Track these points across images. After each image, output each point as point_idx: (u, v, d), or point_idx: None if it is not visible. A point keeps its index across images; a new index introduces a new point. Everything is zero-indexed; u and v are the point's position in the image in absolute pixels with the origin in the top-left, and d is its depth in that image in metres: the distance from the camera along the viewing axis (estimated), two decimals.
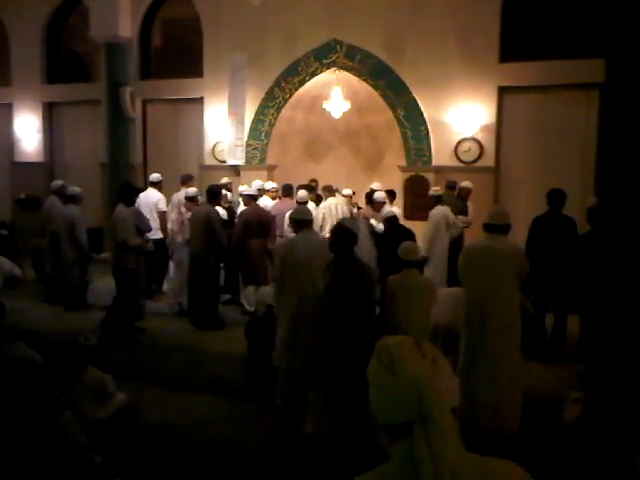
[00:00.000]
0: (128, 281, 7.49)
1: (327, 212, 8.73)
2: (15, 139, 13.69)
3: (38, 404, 3.16)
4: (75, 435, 3.19)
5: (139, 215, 8.07)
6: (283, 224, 8.42)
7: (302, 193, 8.74)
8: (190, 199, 8.57)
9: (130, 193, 7.69)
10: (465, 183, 9.21)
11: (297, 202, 8.57)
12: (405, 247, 5.23)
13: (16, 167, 13.68)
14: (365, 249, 8.41)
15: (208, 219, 7.71)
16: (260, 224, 8.19)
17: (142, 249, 7.71)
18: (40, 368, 3.35)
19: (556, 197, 6.87)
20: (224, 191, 9.10)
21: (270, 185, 9.73)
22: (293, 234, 5.36)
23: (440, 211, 8.18)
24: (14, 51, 13.39)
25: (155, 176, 9.53)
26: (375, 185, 9.75)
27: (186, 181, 9.26)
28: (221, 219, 8.19)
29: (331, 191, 9.28)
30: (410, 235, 6.90)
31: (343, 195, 9.69)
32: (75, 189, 8.92)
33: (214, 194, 8.05)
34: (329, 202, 8.95)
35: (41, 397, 3.19)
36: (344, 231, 4.58)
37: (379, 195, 8.82)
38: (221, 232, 7.92)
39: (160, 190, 9.31)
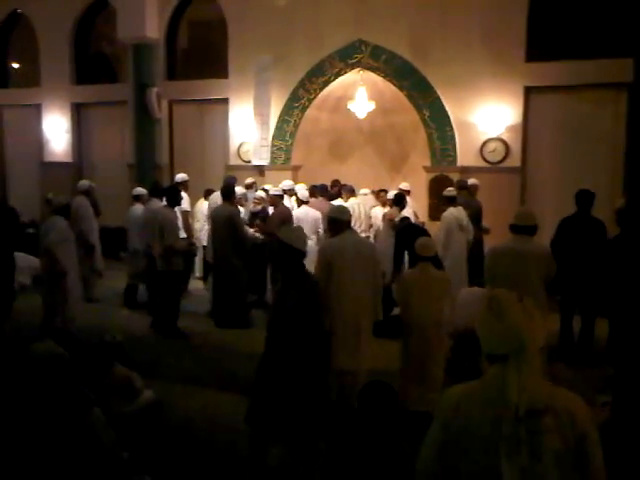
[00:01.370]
0: (174, 283, 7.53)
1: (351, 212, 8.72)
2: (44, 139, 13.89)
3: (67, 401, 3.20)
4: (103, 432, 3.23)
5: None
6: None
7: (303, 192, 8.88)
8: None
9: (175, 194, 7.70)
10: (472, 180, 9.17)
11: (298, 200, 8.79)
12: (421, 242, 5.28)
13: (45, 167, 13.88)
14: (383, 248, 8.43)
15: (231, 218, 7.75)
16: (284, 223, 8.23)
17: (189, 252, 7.78)
18: (68, 365, 3.39)
19: (584, 198, 6.76)
20: (241, 189, 9.16)
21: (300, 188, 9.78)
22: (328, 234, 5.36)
23: (451, 213, 8.05)
24: (43, 53, 13.58)
25: (180, 176, 9.62)
26: (404, 185, 9.71)
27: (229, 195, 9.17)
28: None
29: (352, 192, 9.29)
30: (423, 233, 6.88)
31: (362, 195, 9.75)
32: (84, 183, 9.22)
33: (230, 192, 8.07)
34: (351, 202, 8.96)
35: (70, 394, 3.23)
36: (284, 247, 4.22)
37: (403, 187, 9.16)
38: (243, 230, 7.97)
39: (186, 190, 9.38)
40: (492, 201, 9.21)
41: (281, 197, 8.71)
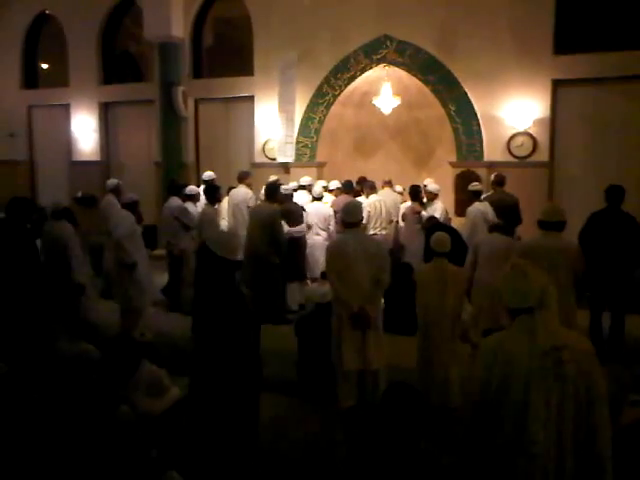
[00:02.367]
0: None
1: (372, 209, 8.72)
2: (73, 139, 14.07)
3: (95, 399, 3.24)
4: (132, 429, 3.26)
5: (184, 211, 8.32)
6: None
7: (318, 188, 8.94)
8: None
9: (214, 192, 7.74)
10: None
11: (313, 197, 8.82)
12: (436, 238, 5.31)
13: (74, 166, 14.07)
14: (414, 245, 8.41)
15: (271, 217, 7.79)
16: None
17: None
18: (97, 362, 3.44)
19: (615, 193, 6.62)
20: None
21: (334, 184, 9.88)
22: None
23: (477, 207, 7.93)
24: (71, 53, 13.76)
25: (208, 174, 9.69)
26: (427, 181, 9.66)
27: (243, 178, 9.38)
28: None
29: (373, 188, 9.26)
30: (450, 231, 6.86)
31: (395, 191, 9.74)
32: (112, 181, 9.40)
33: (273, 192, 8.10)
34: (372, 199, 8.92)
35: (98, 392, 3.28)
36: (208, 253, 3.81)
37: (432, 187, 9.00)
38: (282, 229, 8.01)
39: None
40: (519, 197, 9.05)
41: (290, 196, 8.70)
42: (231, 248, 3.84)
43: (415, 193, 8.98)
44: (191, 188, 9.07)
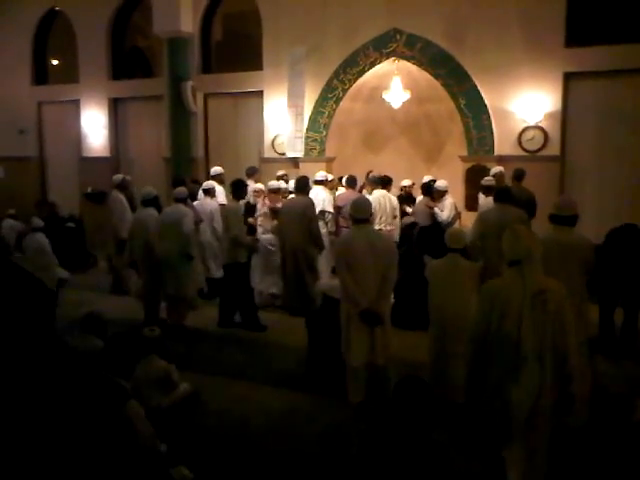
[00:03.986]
0: (240, 275, 7.58)
1: (377, 205, 8.66)
2: (82, 135, 14.11)
3: (104, 393, 3.24)
4: (141, 423, 3.26)
5: (193, 207, 8.35)
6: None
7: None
8: (275, 191, 8.69)
9: (240, 187, 7.77)
10: (498, 168, 9.09)
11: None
12: (450, 234, 5.34)
13: (84, 162, 14.11)
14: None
15: (306, 209, 7.79)
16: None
17: (252, 248, 7.88)
18: (101, 355, 3.43)
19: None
20: (283, 183, 9.17)
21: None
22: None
23: (488, 202, 7.82)
24: (81, 49, 13.79)
25: (215, 169, 9.69)
26: (441, 184, 9.52)
27: (252, 174, 9.37)
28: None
29: (377, 183, 9.22)
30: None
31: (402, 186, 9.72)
32: (117, 177, 9.54)
33: (304, 184, 8.07)
34: (376, 194, 8.85)
35: (106, 387, 3.27)
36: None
37: (440, 184, 8.87)
38: (317, 221, 8.03)
39: (221, 183, 9.43)
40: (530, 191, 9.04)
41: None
42: None
43: (427, 188, 8.93)
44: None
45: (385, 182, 9.00)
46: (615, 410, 5.03)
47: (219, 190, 9.31)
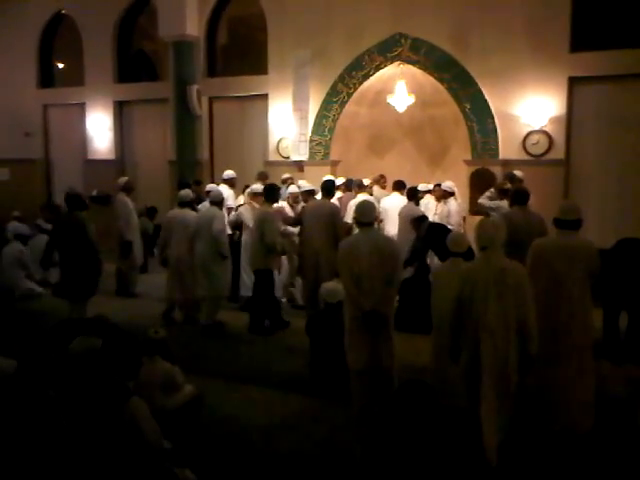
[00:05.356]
0: (268, 281, 7.65)
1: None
2: (88, 137, 14.16)
3: (105, 393, 3.25)
4: (145, 421, 3.26)
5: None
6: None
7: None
8: (258, 194, 8.70)
9: (273, 192, 7.84)
10: (516, 172, 9.01)
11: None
12: (452, 238, 5.37)
13: (89, 165, 14.17)
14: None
15: (332, 213, 7.72)
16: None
17: (284, 252, 7.94)
18: (102, 355, 3.43)
19: None
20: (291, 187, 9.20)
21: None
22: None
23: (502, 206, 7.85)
24: (87, 52, 13.86)
25: (228, 173, 9.72)
26: (447, 185, 9.53)
27: (263, 179, 9.38)
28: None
29: (362, 187, 9.21)
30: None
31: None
32: (121, 179, 9.63)
33: (330, 189, 8.01)
34: (360, 197, 8.76)
35: (107, 386, 3.28)
36: None
37: (447, 184, 9.19)
38: (342, 225, 8.00)
39: (232, 187, 9.43)
40: (535, 195, 8.88)
41: (312, 193, 8.63)
42: None
43: (413, 193, 8.89)
44: (216, 192, 8.48)
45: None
46: (620, 414, 5.02)
47: (229, 194, 9.32)
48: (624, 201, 9.60)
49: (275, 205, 8.27)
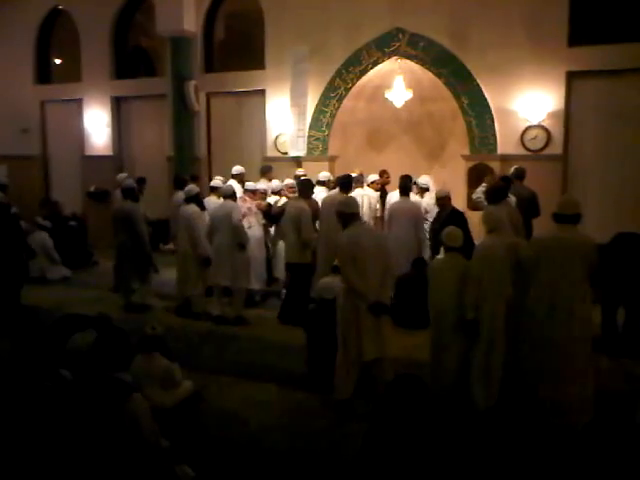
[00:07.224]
0: (305, 275, 7.71)
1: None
2: (85, 134, 14.12)
3: (105, 390, 3.24)
4: (145, 418, 3.25)
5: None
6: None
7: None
8: (252, 192, 8.73)
9: (309, 186, 7.94)
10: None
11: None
12: (447, 233, 5.33)
13: (86, 161, 14.12)
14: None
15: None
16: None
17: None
18: (105, 353, 3.43)
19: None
20: (259, 185, 9.19)
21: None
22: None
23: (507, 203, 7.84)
24: (84, 48, 13.79)
25: (237, 169, 9.70)
26: (422, 180, 9.50)
27: (266, 172, 9.37)
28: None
29: (358, 182, 9.19)
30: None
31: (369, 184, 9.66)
32: (120, 176, 9.60)
33: (348, 183, 7.99)
34: (356, 193, 8.73)
35: (107, 383, 3.27)
36: None
37: (422, 180, 9.23)
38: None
39: (241, 182, 9.40)
40: (533, 190, 9.02)
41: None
42: None
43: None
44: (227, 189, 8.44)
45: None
46: (618, 409, 5.02)
47: (237, 189, 9.28)
48: (622, 196, 9.59)
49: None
